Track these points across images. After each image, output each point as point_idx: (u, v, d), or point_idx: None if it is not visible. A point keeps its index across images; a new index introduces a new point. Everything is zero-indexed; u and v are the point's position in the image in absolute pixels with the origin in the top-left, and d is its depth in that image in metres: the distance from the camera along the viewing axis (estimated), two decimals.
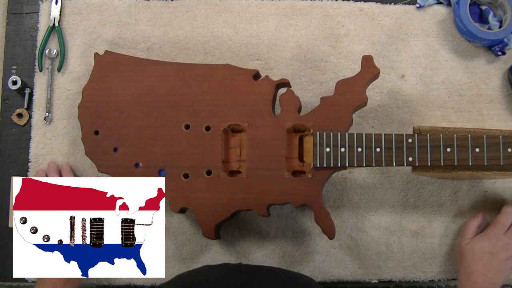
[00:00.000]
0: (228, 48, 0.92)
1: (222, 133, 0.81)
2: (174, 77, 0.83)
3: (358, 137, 0.77)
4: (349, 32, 0.92)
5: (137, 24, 0.94)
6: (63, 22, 0.94)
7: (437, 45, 0.92)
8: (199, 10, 0.94)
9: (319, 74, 0.91)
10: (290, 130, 0.80)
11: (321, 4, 0.93)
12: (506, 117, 0.90)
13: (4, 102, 0.93)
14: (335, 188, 0.89)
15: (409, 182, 0.89)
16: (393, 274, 0.88)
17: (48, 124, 0.92)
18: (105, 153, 0.83)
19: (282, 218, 0.89)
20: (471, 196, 0.89)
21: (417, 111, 0.90)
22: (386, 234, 0.88)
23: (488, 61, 0.92)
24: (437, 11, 0.93)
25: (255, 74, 0.82)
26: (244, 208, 0.80)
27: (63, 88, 0.93)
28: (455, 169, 0.78)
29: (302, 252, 0.88)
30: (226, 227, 0.88)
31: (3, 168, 0.92)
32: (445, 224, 0.88)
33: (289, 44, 0.92)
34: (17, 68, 0.93)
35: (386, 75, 0.91)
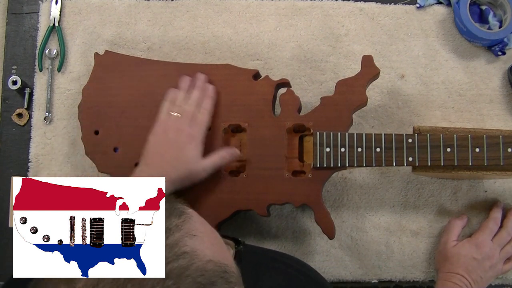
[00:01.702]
0: (228, 48, 0.92)
1: (222, 133, 0.81)
2: (174, 77, 0.83)
3: (358, 137, 0.77)
4: (349, 32, 0.92)
5: (137, 24, 0.94)
6: (63, 22, 0.94)
7: (437, 45, 0.92)
8: (199, 10, 0.94)
9: (319, 74, 0.91)
10: (290, 130, 0.80)
11: (321, 4, 0.93)
12: (506, 117, 0.90)
13: (4, 102, 0.93)
14: (335, 188, 0.89)
15: (409, 182, 0.89)
16: (393, 274, 0.88)
17: (48, 124, 0.92)
18: (105, 153, 0.83)
19: (282, 218, 0.89)
20: (471, 196, 0.89)
21: (417, 111, 0.90)
22: (386, 234, 0.88)
23: (488, 61, 0.92)
24: (437, 11, 0.93)
25: (255, 74, 0.82)
26: (244, 208, 0.80)
27: (63, 88, 0.93)
28: (455, 169, 0.78)
29: (302, 252, 0.88)
30: (226, 227, 0.88)
31: (3, 168, 0.92)
32: (445, 224, 0.88)
33: (289, 44, 0.92)
34: (17, 68, 0.93)
35: (386, 75, 0.91)
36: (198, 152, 0.76)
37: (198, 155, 0.76)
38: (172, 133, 0.76)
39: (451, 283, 0.79)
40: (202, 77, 0.81)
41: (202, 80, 0.81)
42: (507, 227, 0.84)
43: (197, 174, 0.76)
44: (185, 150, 0.75)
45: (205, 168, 0.76)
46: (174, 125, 0.76)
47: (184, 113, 0.77)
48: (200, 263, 0.45)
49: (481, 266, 0.80)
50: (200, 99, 0.79)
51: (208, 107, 0.79)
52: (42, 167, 0.91)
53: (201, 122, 0.78)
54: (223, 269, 0.47)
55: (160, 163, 0.75)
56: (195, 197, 0.80)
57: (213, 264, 0.46)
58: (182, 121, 0.77)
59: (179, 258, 0.44)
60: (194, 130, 0.76)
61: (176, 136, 0.76)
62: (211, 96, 0.80)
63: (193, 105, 0.78)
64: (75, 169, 0.90)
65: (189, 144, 0.76)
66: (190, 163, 0.75)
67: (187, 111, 0.78)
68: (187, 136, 0.76)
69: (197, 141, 0.76)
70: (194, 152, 0.75)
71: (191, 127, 0.76)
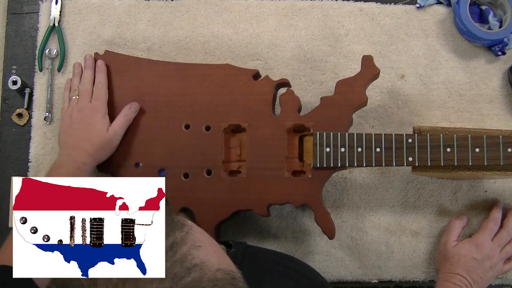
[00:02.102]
0: (228, 48, 0.92)
1: (222, 133, 0.81)
2: (174, 77, 0.83)
3: (358, 137, 0.77)
4: (349, 32, 0.92)
5: (137, 24, 0.93)
6: (63, 22, 0.94)
7: (437, 45, 0.92)
8: (199, 10, 0.94)
9: (319, 74, 0.91)
10: (290, 130, 0.80)
11: (321, 4, 0.93)
12: (506, 117, 0.90)
13: (4, 102, 0.93)
14: (335, 188, 0.89)
15: (409, 182, 0.89)
16: (393, 274, 0.88)
17: (48, 124, 0.92)
18: None
19: (282, 218, 0.89)
20: (471, 196, 0.89)
21: (417, 111, 0.90)
22: (386, 234, 0.88)
23: (488, 61, 0.92)
24: (437, 11, 0.93)
25: (255, 74, 0.82)
26: (244, 208, 0.80)
27: (63, 88, 0.92)
28: (455, 169, 0.78)
29: (302, 252, 0.88)
30: (226, 227, 0.88)
31: (3, 168, 0.92)
32: (445, 224, 0.88)
33: (289, 44, 0.92)
34: (17, 68, 0.93)
35: (386, 75, 0.91)
36: (104, 122, 0.81)
37: (106, 124, 0.81)
38: (76, 114, 0.82)
39: (451, 284, 0.79)
40: (89, 57, 0.86)
41: (90, 60, 0.86)
42: (507, 227, 0.84)
43: (110, 140, 0.81)
44: (92, 123, 0.81)
45: (115, 131, 0.81)
46: (76, 107, 0.82)
47: (81, 93, 0.83)
48: (211, 273, 0.45)
49: (481, 266, 0.80)
50: (92, 76, 0.84)
51: (102, 81, 0.84)
52: (42, 167, 0.91)
53: (99, 94, 0.83)
54: (232, 275, 0.47)
55: (74, 142, 0.80)
56: (195, 197, 0.80)
57: (222, 273, 0.46)
58: (82, 100, 0.82)
59: (191, 272, 0.44)
60: (95, 104, 0.82)
61: (80, 115, 0.81)
62: (102, 69, 0.85)
63: (87, 83, 0.84)
64: None
65: (94, 116, 0.81)
66: (100, 132, 0.80)
67: (83, 90, 0.83)
68: (90, 110, 0.81)
69: (101, 112, 0.82)
70: (101, 123, 0.81)
71: (92, 102, 0.82)
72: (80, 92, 0.83)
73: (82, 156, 0.79)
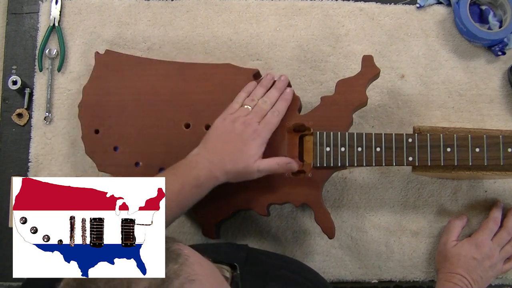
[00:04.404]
0: (228, 48, 0.92)
1: None
2: (175, 76, 0.83)
3: (358, 136, 0.77)
4: (349, 32, 0.92)
5: (137, 24, 0.93)
6: (63, 22, 0.94)
7: (437, 45, 0.92)
8: (199, 10, 0.94)
9: (319, 74, 0.91)
10: (290, 130, 0.80)
11: (321, 4, 0.93)
12: (506, 117, 0.90)
13: (4, 102, 0.93)
14: (335, 188, 0.89)
15: (409, 182, 0.89)
16: (393, 274, 0.88)
17: (48, 124, 0.92)
18: (105, 152, 0.83)
19: (282, 218, 0.89)
20: (471, 196, 0.89)
21: (417, 111, 0.90)
22: (386, 234, 0.88)
23: (488, 61, 0.92)
24: (437, 11, 0.93)
25: (255, 73, 0.82)
26: (244, 208, 0.80)
27: (63, 88, 0.93)
28: (455, 169, 0.78)
29: (302, 252, 0.88)
30: (226, 226, 0.88)
31: (3, 168, 0.92)
32: (445, 224, 0.88)
33: (289, 44, 0.92)
34: (17, 68, 0.93)
35: (386, 75, 0.91)
36: (259, 151, 0.74)
37: (258, 154, 0.74)
38: (239, 125, 0.74)
39: (451, 283, 0.79)
40: (284, 78, 0.80)
41: (283, 82, 0.80)
42: (507, 227, 0.84)
43: (251, 173, 0.74)
44: (248, 145, 0.73)
45: (260, 169, 0.74)
46: (243, 118, 0.75)
47: (256, 109, 0.76)
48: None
49: (481, 266, 0.80)
50: (275, 99, 0.78)
51: (281, 110, 0.78)
52: (42, 167, 0.91)
53: (270, 122, 0.76)
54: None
55: (220, 151, 0.73)
56: None
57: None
58: (252, 116, 0.75)
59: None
60: (261, 128, 0.75)
61: (243, 128, 0.74)
62: (287, 99, 0.79)
63: (268, 103, 0.77)
64: (75, 169, 0.90)
65: (254, 140, 0.74)
66: (249, 160, 0.73)
67: (260, 107, 0.76)
68: (254, 132, 0.74)
69: (261, 140, 0.74)
70: (256, 150, 0.74)
71: (260, 125, 0.75)
72: (256, 107, 0.76)
73: (218, 170, 0.73)
